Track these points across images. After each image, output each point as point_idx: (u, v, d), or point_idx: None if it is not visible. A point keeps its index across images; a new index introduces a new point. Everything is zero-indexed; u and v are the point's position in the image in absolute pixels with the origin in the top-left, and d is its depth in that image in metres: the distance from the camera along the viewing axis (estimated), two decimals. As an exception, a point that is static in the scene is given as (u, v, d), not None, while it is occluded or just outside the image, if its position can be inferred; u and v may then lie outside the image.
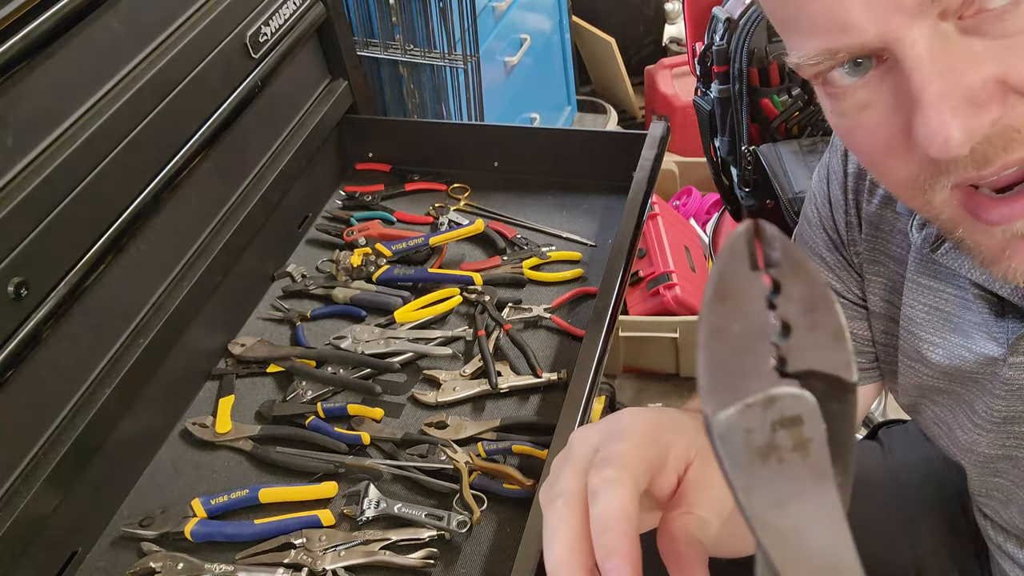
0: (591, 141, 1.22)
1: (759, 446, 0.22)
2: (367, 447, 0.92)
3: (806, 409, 0.22)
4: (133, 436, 0.89)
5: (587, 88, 2.60)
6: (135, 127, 0.83)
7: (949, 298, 0.58)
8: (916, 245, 0.59)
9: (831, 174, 0.66)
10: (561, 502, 0.41)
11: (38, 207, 0.73)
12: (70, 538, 0.83)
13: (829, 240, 0.67)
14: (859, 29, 0.39)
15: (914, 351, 0.63)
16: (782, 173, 1.47)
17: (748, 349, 0.23)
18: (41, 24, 0.72)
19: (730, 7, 1.47)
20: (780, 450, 0.22)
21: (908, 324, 0.62)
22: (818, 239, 0.68)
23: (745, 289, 0.23)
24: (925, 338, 0.61)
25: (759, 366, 0.23)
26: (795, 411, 0.22)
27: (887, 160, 0.45)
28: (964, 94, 0.38)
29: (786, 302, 0.23)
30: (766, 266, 0.23)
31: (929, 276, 0.59)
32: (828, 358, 0.23)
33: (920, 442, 0.92)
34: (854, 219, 0.64)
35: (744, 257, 0.23)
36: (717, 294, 0.23)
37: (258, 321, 1.08)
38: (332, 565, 0.79)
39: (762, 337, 0.23)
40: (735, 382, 0.22)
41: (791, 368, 0.23)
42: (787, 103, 1.48)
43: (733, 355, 0.23)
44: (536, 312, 1.03)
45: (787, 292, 0.23)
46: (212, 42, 0.94)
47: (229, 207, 1.02)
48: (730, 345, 0.23)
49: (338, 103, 1.21)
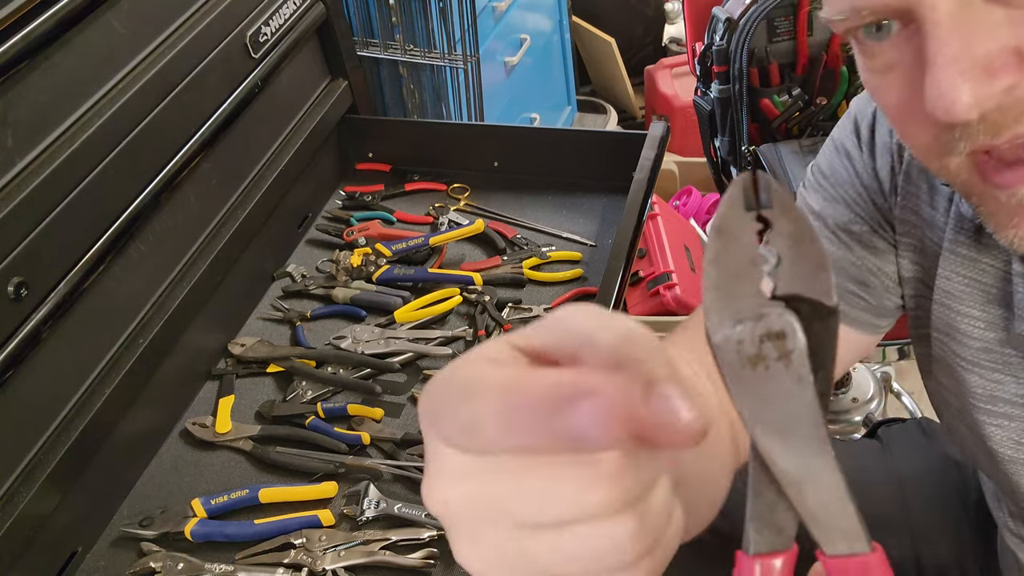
0: (591, 141, 1.21)
1: (749, 355, 0.26)
2: (367, 447, 0.92)
3: (789, 325, 0.26)
4: (133, 436, 0.89)
5: (587, 88, 2.60)
6: (135, 127, 0.83)
7: (990, 269, 0.57)
8: (966, 215, 0.57)
9: (879, 114, 0.64)
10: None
11: (38, 207, 0.73)
12: (70, 538, 0.83)
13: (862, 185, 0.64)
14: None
15: (948, 325, 0.61)
16: (782, 173, 1.47)
17: (742, 275, 0.27)
18: (41, 24, 0.72)
19: (730, 7, 1.47)
20: (767, 359, 0.26)
21: (944, 297, 0.61)
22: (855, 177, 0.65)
23: (739, 226, 0.27)
24: (964, 312, 0.59)
25: (751, 289, 0.27)
26: (779, 327, 0.26)
27: (906, 122, 0.46)
28: (978, 60, 0.38)
29: (777, 237, 0.27)
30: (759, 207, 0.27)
31: (970, 246, 0.58)
32: (811, 285, 0.27)
33: (920, 440, 0.92)
34: (897, 164, 0.63)
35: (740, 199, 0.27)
36: (717, 229, 0.27)
37: (258, 321, 1.08)
38: (332, 565, 0.79)
39: (753, 265, 0.27)
40: (730, 302, 0.27)
41: (779, 292, 0.27)
42: (787, 103, 1.48)
43: (729, 280, 0.27)
44: (536, 312, 1.03)
45: (778, 229, 0.27)
46: (212, 42, 0.94)
47: (229, 207, 1.02)
48: (727, 271, 0.27)
49: (338, 103, 1.21)
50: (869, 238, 0.66)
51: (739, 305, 0.27)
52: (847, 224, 0.66)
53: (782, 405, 0.27)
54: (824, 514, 0.27)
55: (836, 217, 0.66)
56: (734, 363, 0.26)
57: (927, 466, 0.88)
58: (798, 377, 0.26)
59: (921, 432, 0.93)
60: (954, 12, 0.38)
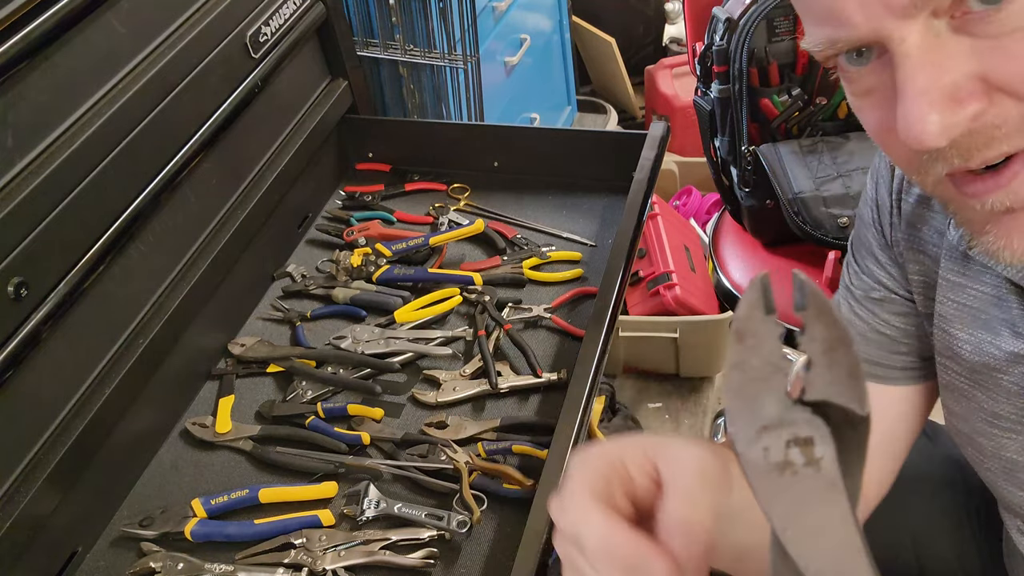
0: (591, 141, 1.21)
1: (776, 462, 0.26)
2: (367, 447, 0.92)
3: (817, 431, 0.26)
4: (133, 436, 0.89)
5: (587, 88, 2.60)
6: (135, 127, 0.83)
7: (978, 295, 0.59)
8: (953, 242, 0.60)
9: (879, 177, 0.68)
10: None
11: (38, 207, 0.73)
12: (70, 538, 0.83)
13: (879, 240, 0.69)
14: (853, 25, 0.42)
15: (946, 348, 0.63)
16: (782, 173, 1.47)
17: (765, 380, 0.26)
18: (41, 24, 0.72)
19: (730, 7, 1.47)
20: (794, 465, 0.26)
21: (940, 321, 0.63)
22: (871, 238, 0.69)
23: (761, 330, 0.27)
24: (955, 334, 0.62)
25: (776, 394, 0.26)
26: (808, 433, 0.26)
27: (887, 142, 0.47)
28: (946, 89, 0.40)
29: (810, 342, 0.26)
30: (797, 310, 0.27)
31: (960, 273, 0.60)
32: (843, 392, 0.26)
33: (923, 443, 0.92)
34: (896, 219, 0.66)
35: (759, 303, 0.27)
36: (737, 334, 0.27)
37: (258, 321, 1.08)
38: (332, 565, 0.79)
39: (777, 370, 0.26)
40: (754, 407, 0.26)
41: (808, 397, 0.26)
42: (787, 103, 1.48)
43: (752, 385, 0.26)
44: (536, 312, 1.03)
45: (810, 333, 0.26)
46: (212, 42, 0.94)
47: (229, 207, 1.02)
48: (749, 376, 0.27)
49: (338, 103, 1.21)
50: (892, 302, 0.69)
51: (764, 412, 0.26)
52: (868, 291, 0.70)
53: (813, 510, 0.26)
54: None
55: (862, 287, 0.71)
56: (760, 469, 0.26)
57: (930, 469, 0.88)
58: (829, 482, 0.26)
59: (924, 435, 0.93)
60: (921, 44, 0.40)
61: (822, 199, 1.43)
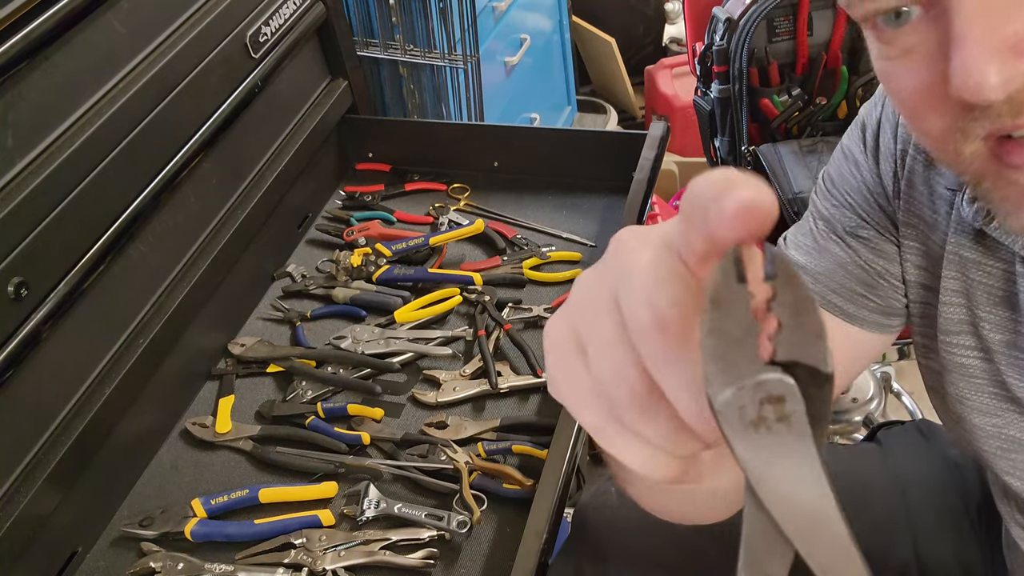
0: (591, 141, 1.21)
1: (751, 418, 0.28)
2: (367, 447, 0.92)
3: (788, 390, 0.28)
4: (133, 436, 0.90)
5: (587, 88, 2.60)
6: (135, 127, 0.83)
7: (994, 270, 0.58)
8: (967, 219, 0.58)
9: (884, 121, 0.64)
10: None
11: (38, 207, 0.73)
12: (70, 538, 0.83)
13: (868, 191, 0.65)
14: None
15: (957, 325, 0.61)
16: (782, 173, 1.47)
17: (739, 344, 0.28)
18: (41, 24, 0.72)
19: (730, 7, 1.47)
20: (768, 421, 0.28)
21: (954, 297, 0.61)
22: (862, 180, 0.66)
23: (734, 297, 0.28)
24: (975, 312, 0.60)
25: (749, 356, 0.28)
26: (779, 391, 0.28)
27: (924, 108, 0.45)
28: (1006, 40, 0.38)
29: (779, 306, 0.28)
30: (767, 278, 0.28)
31: (975, 249, 0.58)
32: (809, 353, 0.28)
33: (919, 443, 0.92)
34: (900, 170, 0.63)
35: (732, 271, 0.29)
36: (712, 301, 0.28)
37: (258, 321, 1.08)
38: (332, 565, 0.79)
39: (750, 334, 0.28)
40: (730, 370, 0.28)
41: (778, 358, 0.28)
42: (787, 103, 1.48)
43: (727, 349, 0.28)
44: (536, 312, 1.03)
45: (780, 298, 0.28)
46: (212, 42, 0.94)
47: (229, 207, 1.02)
48: (724, 341, 0.28)
49: (338, 103, 1.21)
50: (876, 242, 0.66)
51: (738, 371, 0.28)
52: (855, 229, 0.67)
53: (786, 462, 0.28)
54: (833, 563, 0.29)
55: (844, 222, 0.68)
56: (737, 425, 0.28)
57: (927, 468, 0.88)
58: (799, 435, 0.28)
59: (920, 434, 0.93)
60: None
61: (822, 199, 1.43)
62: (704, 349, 0.28)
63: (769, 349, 0.28)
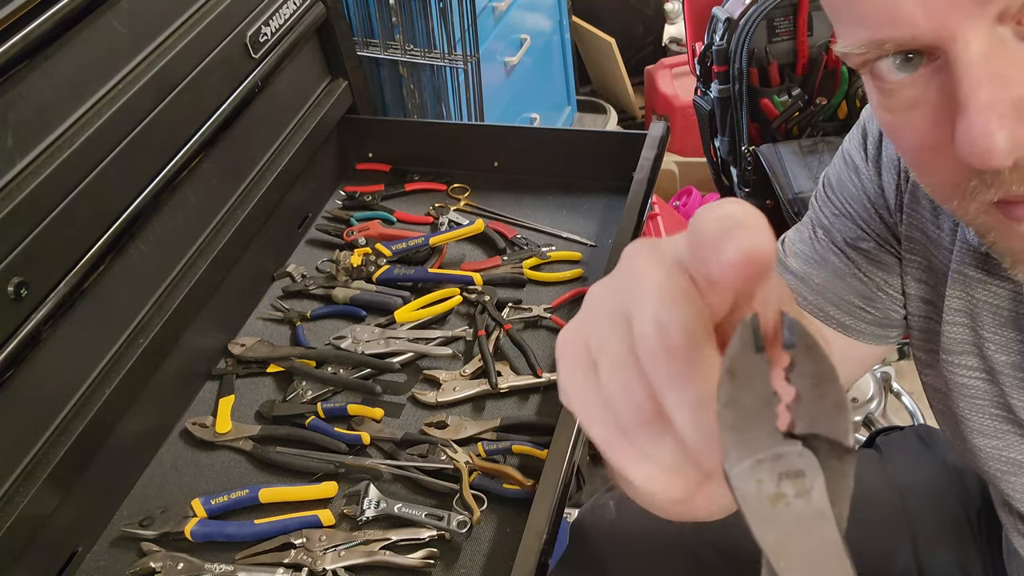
0: (591, 141, 1.21)
1: (769, 493, 0.27)
2: (367, 447, 0.92)
3: (807, 463, 0.27)
4: (133, 436, 0.89)
5: (587, 88, 2.60)
6: (135, 127, 0.83)
7: (999, 291, 0.57)
8: (972, 240, 0.57)
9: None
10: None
11: (38, 207, 0.73)
12: (70, 538, 0.83)
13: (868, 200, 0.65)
14: (911, 23, 0.37)
15: (961, 345, 0.61)
16: (782, 173, 1.47)
17: (757, 416, 0.28)
18: (41, 24, 0.72)
19: (730, 7, 1.47)
20: (786, 497, 0.27)
21: (957, 316, 0.60)
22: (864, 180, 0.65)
23: (752, 369, 0.28)
24: (979, 332, 0.59)
25: (767, 429, 0.28)
26: (798, 466, 0.27)
27: (928, 165, 0.44)
28: (1015, 104, 0.37)
29: (799, 377, 0.28)
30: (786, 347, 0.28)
31: (979, 268, 0.57)
32: (830, 425, 0.28)
33: (919, 449, 0.92)
34: (903, 184, 0.62)
35: (751, 342, 0.28)
36: (729, 371, 0.28)
37: (258, 321, 1.08)
38: (332, 565, 0.79)
39: (769, 406, 0.28)
40: (747, 442, 0.27)
41: (798, 431, 0.28)
42: (787, 103, 1.48)
43: (745, 421, 0.28)
44: (536, 312, 1.03)
45: (800, 368, 0.28)
46: (212, 42, 0.94)
47: (229, 207, 1.02)
48: (742, 413, 0.28)
49: (338, 103, 1.21)
50: (876, 253, 0.66)
51: (756, 444, 0.28)
52: (855, 240, 0.66)
53: (804, 539, 0.28)
54: None
55: (844, 232, 0.67)
56: (754, 500, 0.27)
57: (927, 474, 0.88)
58: (818, 512, 0.27)
59: (919, 440, 0.93)
60: (987, 52, 0.36)
61: (822, 199, 1.43)
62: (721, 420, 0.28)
63: (788, 421, 0.28)
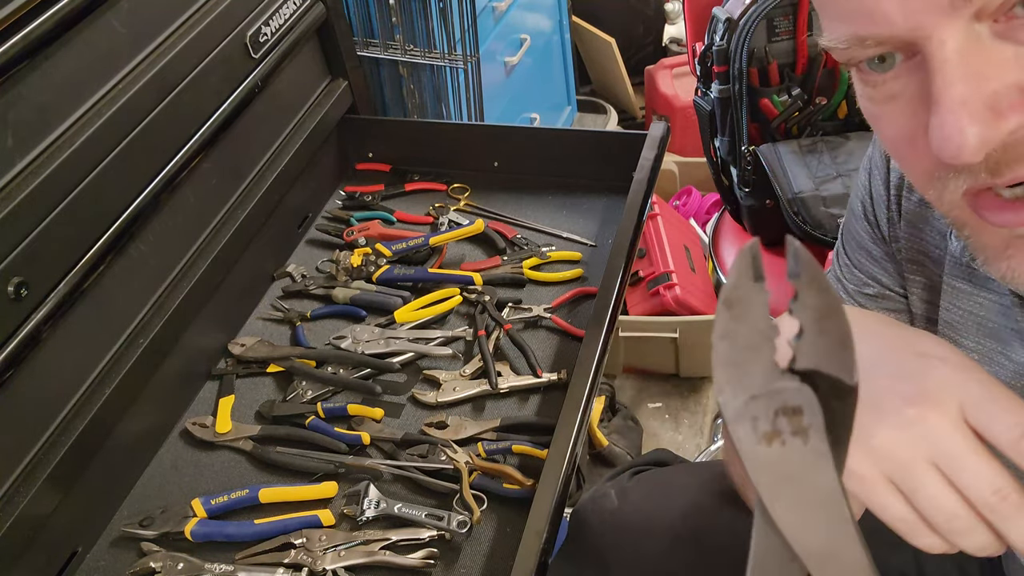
0: (591, 141, 1.21)
1: (764, 432, 0.26)
2: (367, 447, 0.92)
3: (806, 401, 0.26)
4: (133, 436, 0.89)
5: (587, 88, 2.60)
6: (135, 127, 0.83)
7: (986, 303, 0.58)
8: (955, 252, 0.58)
9: (873, 168, 0.65)
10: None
11: (38, 207, 0.73)
12: (70, 538, 0.83)
13: (873, 234, 0.67)
14: (889, 21, 0.38)
15: None
16: (782, 173, 1.47)
17: (754, 349, 0.26)
18: (41, 24, 0.72)
19: (730, 7, 1.47)
20: (782, 435, 0.26)
21: (946, 328, 0.61)
22: (863, 232, 0.68)
23: (748, 298, 0.26)
24: (963, 343, 0.60)
25: (764, 364, 0.26)
26: (796, 402, 0.26)
27: (907, 152, 0.45)
28: (987, 100, 0.37)
29: (801, 309, 0.26)
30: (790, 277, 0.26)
31: (966, 280, 0.59)
32: (832, 362, 0.26)
33: None
34: (896, 215, 0.64)
35: (749, 271, 0.26)
36: (727, 302, 0.26)
37: (258, 321, 1.08)
38: (332, 565, 0.79)
39: (766, 339, 0.26)
40: (743, 377, 0.26)
41: (798, 366, 0.26)
42: (787, 103, 1.48)
43: (740, 354, 0.26)
44: (536, 312, 1.03)
45: (803, 301, 0.26)
46: (212, 42, 0.94)
47: (229, 207, 1.02)
48: (737, 346, 0.26)
49: (338, 103, 1.21)
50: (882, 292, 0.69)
51: (752, 380, 0.26)
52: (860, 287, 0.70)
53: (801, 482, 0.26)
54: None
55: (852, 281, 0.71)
56: (749, 438, 0.26)
57: None
58: (816, 452, 0.26)
59: None
60: (962, 50, 0.37)
61: (822, 199, 1.44)
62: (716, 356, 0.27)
63: (788, 356, 0.26)
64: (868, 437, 0.43)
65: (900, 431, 0.42)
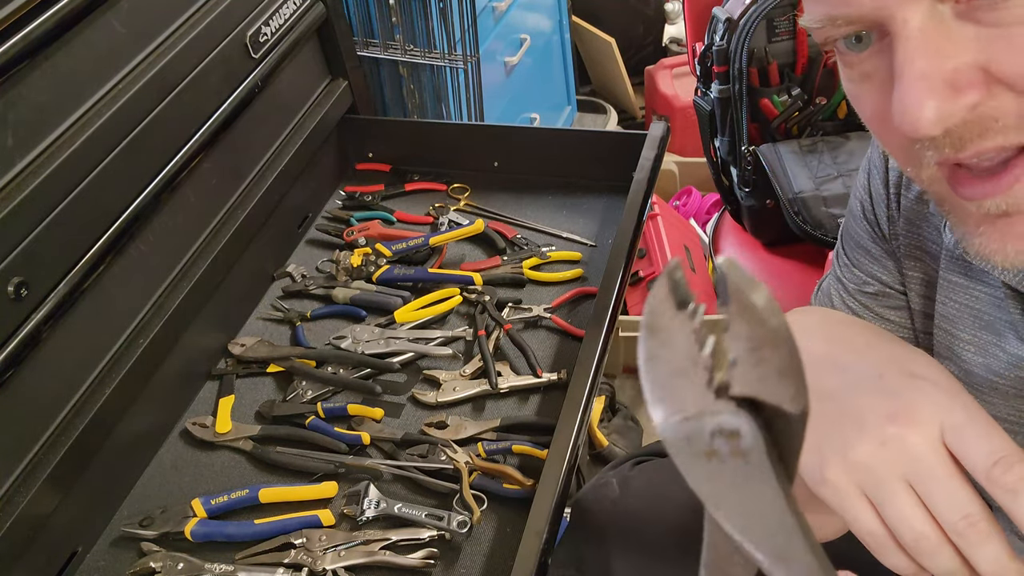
0: (591, 141, 1.21)
1: (701, 450, 0.25)
2: (367, 447, 0.92)
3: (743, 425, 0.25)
4: (133, 436, 0.89)
5: (587, 88, 2.60)
6: (135, 127, 0.83)
7: (981, 296, 0.59)
8: (949, 245, 0.59)
9: (872, 168, 0.66)
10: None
11: (38, 207, 0.73)
12: (70, 538, 0.83)
13: (872, 233, 0.68)
14: (856, 2, 0.41)
15: (947, 349, 0.63)
16: (782, 173, 1.47)
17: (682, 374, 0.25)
18: (41, 24, 0.72)
19: (730, 7, 1.47)
20: (720, 453, 0.25)
21: (942, 321, 0.63)
22: (862, 231, 0.69)
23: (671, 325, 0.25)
24: (959, 336, 0.61)
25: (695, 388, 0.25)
26: (732, 426, 0.25)
27: (882, 130, 0.47)
28: (945, 76, 0.39)
29: (733, 339, 0.25)
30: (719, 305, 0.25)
31: (961, 274, 0.60)
32: (771, 390, 0.25)
33: None
34: (895, 213, 0.65)
35: (669, 297, 0.26)
36: (648, 328, 0.26)
37: (258, 321, 1.08)
38: (332, 565, 0.79)
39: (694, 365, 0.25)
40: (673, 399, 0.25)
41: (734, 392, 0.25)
42: (787, 103, 1.48)
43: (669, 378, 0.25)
44: (536, 312, 1.03)
45: (735, 331, 0.25)
46: (212, 42, 0.94)
47: (229, 207, 1.02)
48: (666, 370, 0.25)
49: (338, 103, 1.21)
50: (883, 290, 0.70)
51: (683, 404, 0.25)
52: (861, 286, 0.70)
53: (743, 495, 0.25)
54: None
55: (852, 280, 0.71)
56: (685, 454, 0.25)
57: None
58: (758, 473, 0.25)
59: None
60: (924, 28, 0.39)
61: (822, 199, 1.44)
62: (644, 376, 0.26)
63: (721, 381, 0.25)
64: (847, 450, 0.45)
65: (879, 446, 0.44)
